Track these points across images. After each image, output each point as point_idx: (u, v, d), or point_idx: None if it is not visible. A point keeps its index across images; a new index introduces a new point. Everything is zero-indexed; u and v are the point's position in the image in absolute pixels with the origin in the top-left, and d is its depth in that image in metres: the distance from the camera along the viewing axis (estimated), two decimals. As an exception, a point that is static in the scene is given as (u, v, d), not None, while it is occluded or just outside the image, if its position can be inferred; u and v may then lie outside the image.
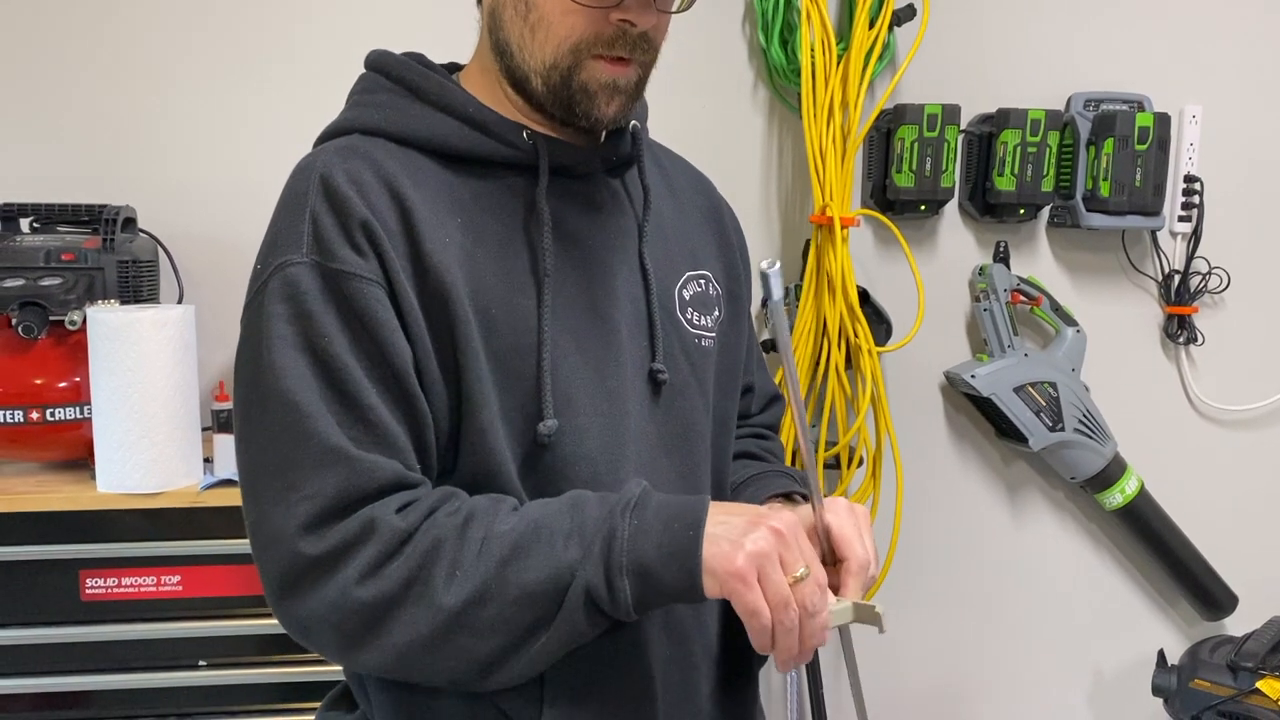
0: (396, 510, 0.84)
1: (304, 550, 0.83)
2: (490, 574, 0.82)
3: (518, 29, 0.93)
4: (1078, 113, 2.04)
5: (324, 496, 0.83)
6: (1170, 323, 2.17)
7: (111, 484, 1.59)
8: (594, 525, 0.83)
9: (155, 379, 1.57)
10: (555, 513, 0.85)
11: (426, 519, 0.84)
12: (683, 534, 0.81)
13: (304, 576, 0.83)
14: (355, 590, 0.82)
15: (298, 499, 0.83)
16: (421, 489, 0.87)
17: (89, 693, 1.62)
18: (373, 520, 0.83)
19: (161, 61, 1.92)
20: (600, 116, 0.94)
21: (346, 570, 0.82)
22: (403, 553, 0.82)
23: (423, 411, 0.88)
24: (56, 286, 1.66)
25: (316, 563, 0.83)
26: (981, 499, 2.20)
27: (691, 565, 0.80)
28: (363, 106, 0.98)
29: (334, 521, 0.83)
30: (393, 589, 0.82)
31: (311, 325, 0.85)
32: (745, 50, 2.05)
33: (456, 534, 0.83)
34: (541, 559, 0.82)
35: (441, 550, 0.82)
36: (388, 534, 0.82)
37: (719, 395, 1.06)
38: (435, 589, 0.82)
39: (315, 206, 0.88)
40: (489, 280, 0.91)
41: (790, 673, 2.14)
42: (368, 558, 0.82)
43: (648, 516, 0.82)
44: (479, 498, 0.88)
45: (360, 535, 0.82)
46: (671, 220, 1.07)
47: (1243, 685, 1.90)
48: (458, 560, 0.82)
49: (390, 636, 0.83)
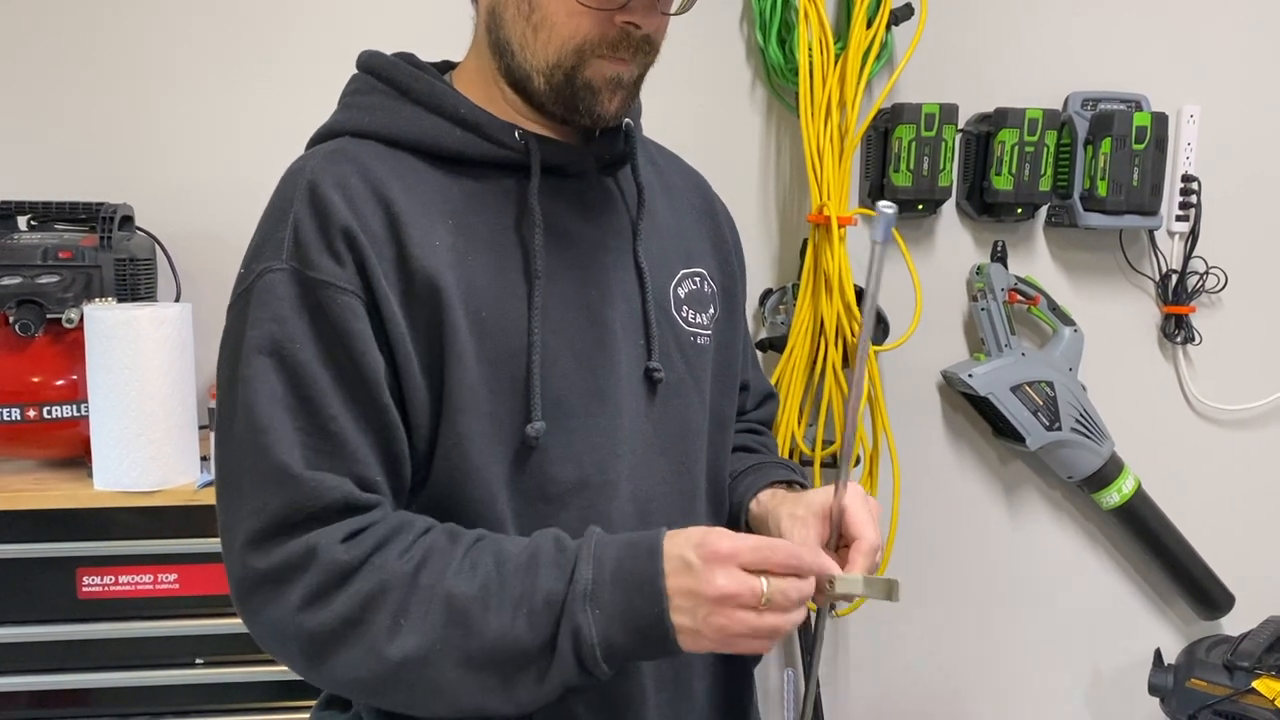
0: (343, 539, 0.83)
1: (251, 564, 0.84)
2: (435, 635, 0.82)
3: (519, 28, 0.93)
4: (1075, 112, 2.04)
5: (268, 513, 0.83)
6: (1167, 322, 2.17)
7: (108, 482, 1.59)
8: (546, 604, 0.82)
9: (152, 377, 1.57)
10: (506, 574, 0.83)
11: (376, 553, 0.84)
12: (647, 609, 0.81)
13: (254, 591, 0.84)
14: (298, 616, 0.83)
15: (246, 512, 0.84)
16: (375, 513, 0.86)
17: (85, 690, 1.62)
18: (315, 548, 0.82)
19: (160, 59, 1.92)
20: (603, 112, 0.94)
21: (290, 595, 0.83)
22: (346, 589, 0.82)
23: (392, 422, 0.88)
24: (53, 284, 1.66)
25: (263, 578, 0.83)
26: (978, 498, 2.20)
27: (665, 642, 0.82)
28: (353, 109, 0.98)
29: (278, 538, 0.83)
30: (334, 623, 0.82)
31: (284, 332, 0.86)
32: (743, 49, 2.05)
33: (406, 581, 0.82)
34: (489, 631, 0.81)
35: (387, 596, 0.82)
36: (328, 564, 0.82)
37: (715, 393, 1.06)
38: (378, 635, 0.82)
39: (298, 213, 0.88)
40: (480, 282, 0.91)
41: (787, 671, 2.14)
42: (309, 586, 0.82)
43: (606, 600, 0.82)
44: (435, 534, 0.86)
45: (301, 561, 0.83)
46: (665, 218, 1.07)
47: (1239, 685, 1.90)
48: (404, 609, 0.82)
49: (334, 670, 0.84)
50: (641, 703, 0.96)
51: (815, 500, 0.96)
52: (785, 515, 0.99)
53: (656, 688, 0.97)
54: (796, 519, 0.97)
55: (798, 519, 0.96)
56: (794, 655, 2.15)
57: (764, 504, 1.05)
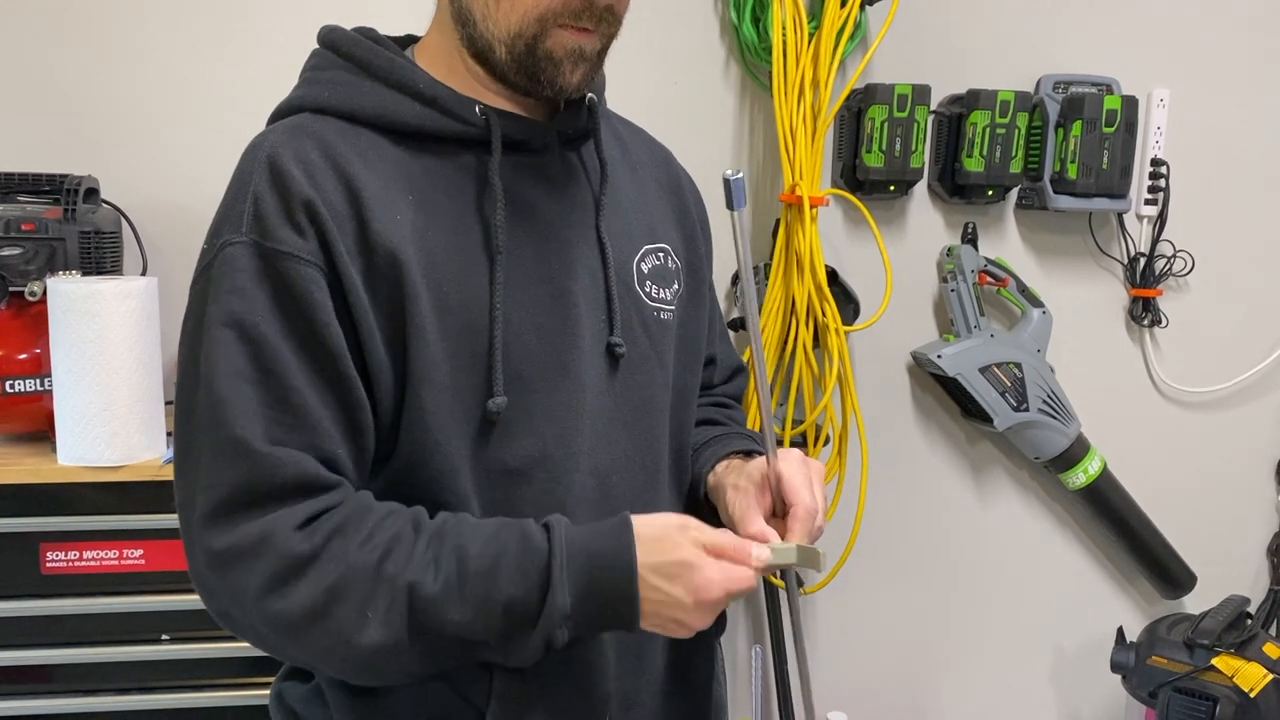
0: (298, 525, 0.83)
1: (206, 542, 0.84)
2: (402, 628, 0.83)
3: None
4: (1047, 95, 2.05)
5: (222, 488, 0.83)
6: (1135, 305, 2.19)
7: (72, 457, 1.57)
8: (522, 613, 0.84)
9: (117, 351, 1.56)
10: (473, 573, 0.84)
11: (332, 540, 0.84)
12: (621, 605, 0.86)
13: (210, 569, 0.84)
14: (259, 602, 0.83)
15: (202, 487, 0.84)
16: (333, 494, 0.86)
17: (49, 666, 1.61)
18: (270, 535, 0.82)
19: (127, 31, 1.89)
20: (564, 84, 0.94)
21: (247, 579, 0.83)
22: (305, 578, 0.82)
23: (355, 394, 0.87)
24: (16, 256, 1.64)
25: (218, 559, 0.83)
26: (946, 478, 2.22)
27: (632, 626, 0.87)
28: (313, 84, 0.97)
29: (234, 516, 0.83)
30: (297, 612, 0.82)
31: (245, 304, 0.85)
32: (717, 27, 2.04)
33: (369, 574, 0.83)
34: (455, 627, 0.84)
35: (350, 589, 0.82)
36: (284, 553, 0.82)
37: (679, 368, 1.07)
38: (345, 625, 0.82)
39: (258, 186, 0.87)
40: (441, 258, 0.91)
41: (755, 648, 2.15)
42: (265, 573, 0.82)
43: (583, 625, 0.86)
44: (398, 521, 0.87)
45: (255, 547, 0.82)
46: (629, 193, 1.06)
47: (1199, 662, 1.93)
48: (369, 601, 0.82)
49: (300, 653, 0.86)
50: (602, 671, 0.96)
51: (755, 470, 0.98)
52: (729, 487, 1.00)
53: (617, 657, 0.98)
54: (739, 490, 0.98)
55: (739, 490, 0.98)
56: (762, 632, 2.16)
57: (719, 475, 1.06)
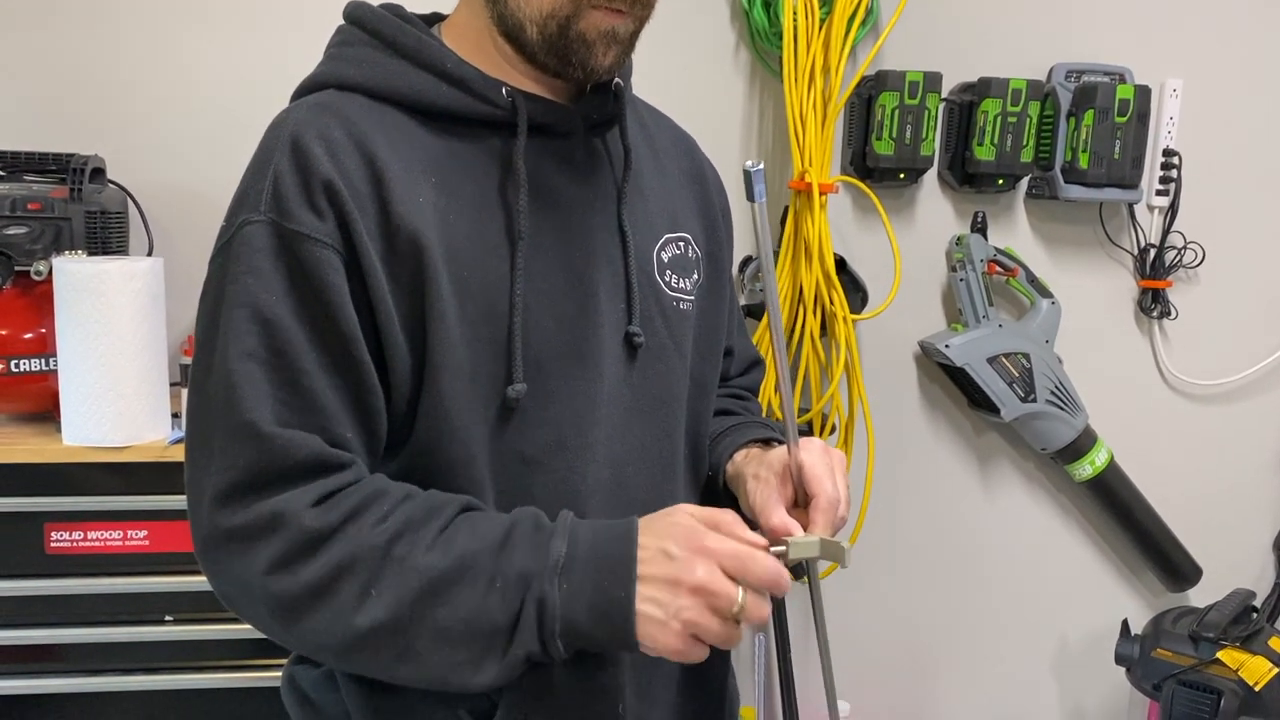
0: (313, 503, 0.82)
1: (217, 522, 0.83)
2: (406, 606, 0.81)
3: None
4: (1059, 83, 2.03)
5: (235, 469, 0.82)
6: (1144, 296, 2.18)
7: (78, 437, 1.57)
8: (519, 579, 0.82)
9: (123, 331, 1.55)
10: (482, 550, 0.83)
11: (348, 522, 0.83)
12: (615, 592, 0.81)
13: (219, 547, 0.84)
14: (265, 579, 0.82)
15: (215, 468, 0.83)
16: (348, 473, 0.85)
17: (54, 646, 1.61)
18: (282, 514, 0.81)
19: (134, 9, 1.88)
20: (596, 66, 0.92)
21: (256, 557, 0.82)
22: (316, 556, 0.81)
23: (368, 378, 0.86)
24: (22, 236, 1.63)
25: (229, 536, 0.83)
26: (953, 468, 2.21)
27: (625, 631, 0.82)
28: (339, 60, 0.96)
29: (247, 497, 0.82)
30: (301, 591, 0.81)
31: (260, 284, 0.84)
32: (727, 12, 2.03)
33: (379, 553, 0.82)
34: (461, 606, 0.81)
35: (358, 567, 0.81)
36: (296, 531, 0.81)
37: (697, 359, 1.06)
38: (345, 604, 0.81)
39: (279, 165, 0.86)
40: (462, 242, 0.89)
41: (758, 636, 2.15)
42: (276, 551, 0.81)
43: (576, 577, 0.82)
44: (412, 505, 0.86)
45: (269, 524, 0.82)
46: (652, 181, 1.05)
47: (1203, 655, 1.93)
48: (376, 579, 0.81)
49: (300, 634, 0.84)
50: (616, 660, 0.95)
51: (775, 460, 0.96)
52: (749, 477, 0.99)
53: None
54: (759, 480, 0.97)
55: (760, 480, 0.96)
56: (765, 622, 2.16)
57: (737, 464, 1.05)
